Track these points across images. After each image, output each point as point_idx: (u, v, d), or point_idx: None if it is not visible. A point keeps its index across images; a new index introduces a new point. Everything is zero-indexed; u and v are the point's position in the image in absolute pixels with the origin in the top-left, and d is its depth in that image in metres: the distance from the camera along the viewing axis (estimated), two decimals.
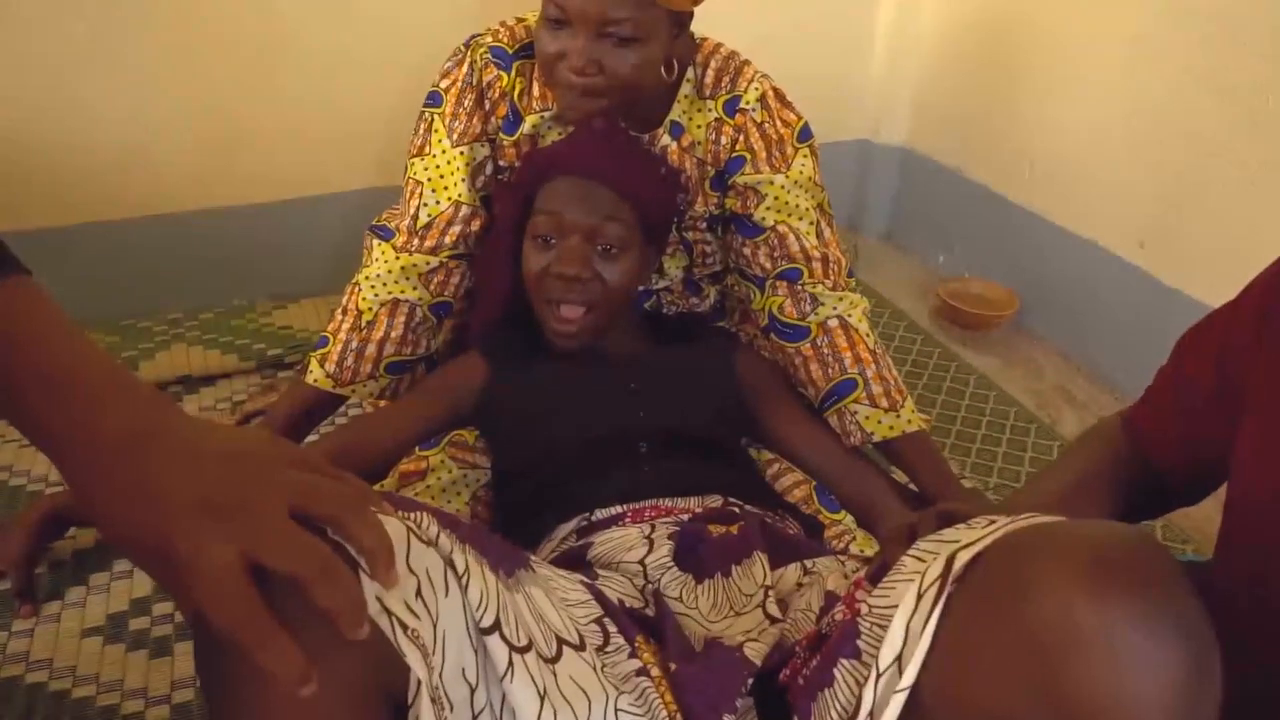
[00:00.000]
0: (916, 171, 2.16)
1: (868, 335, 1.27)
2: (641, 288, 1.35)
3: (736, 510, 1.00)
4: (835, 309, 1.26)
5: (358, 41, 1.68)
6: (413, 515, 0.59)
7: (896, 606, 0.56)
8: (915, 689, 0.54)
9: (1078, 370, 1.75)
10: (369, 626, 0.50)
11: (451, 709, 0.57)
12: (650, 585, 0.86)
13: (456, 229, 1.28)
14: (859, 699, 0.57)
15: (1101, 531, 0.49)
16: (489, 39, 1.28)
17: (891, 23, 2.08)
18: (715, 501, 1.01)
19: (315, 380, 1.25)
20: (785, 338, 1.28)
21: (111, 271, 1.65)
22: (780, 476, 1.23)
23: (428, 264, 1.27)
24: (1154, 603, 0.45)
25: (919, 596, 0.55)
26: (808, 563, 0.91)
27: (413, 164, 1.30)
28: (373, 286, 1.27)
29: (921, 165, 2.14)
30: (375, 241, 1.31)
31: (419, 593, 0.55)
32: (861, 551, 1.13)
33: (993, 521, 0.57)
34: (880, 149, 2.20)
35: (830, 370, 1.25)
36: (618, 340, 1.23)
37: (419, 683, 0.54)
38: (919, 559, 0.58)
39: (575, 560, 0.92)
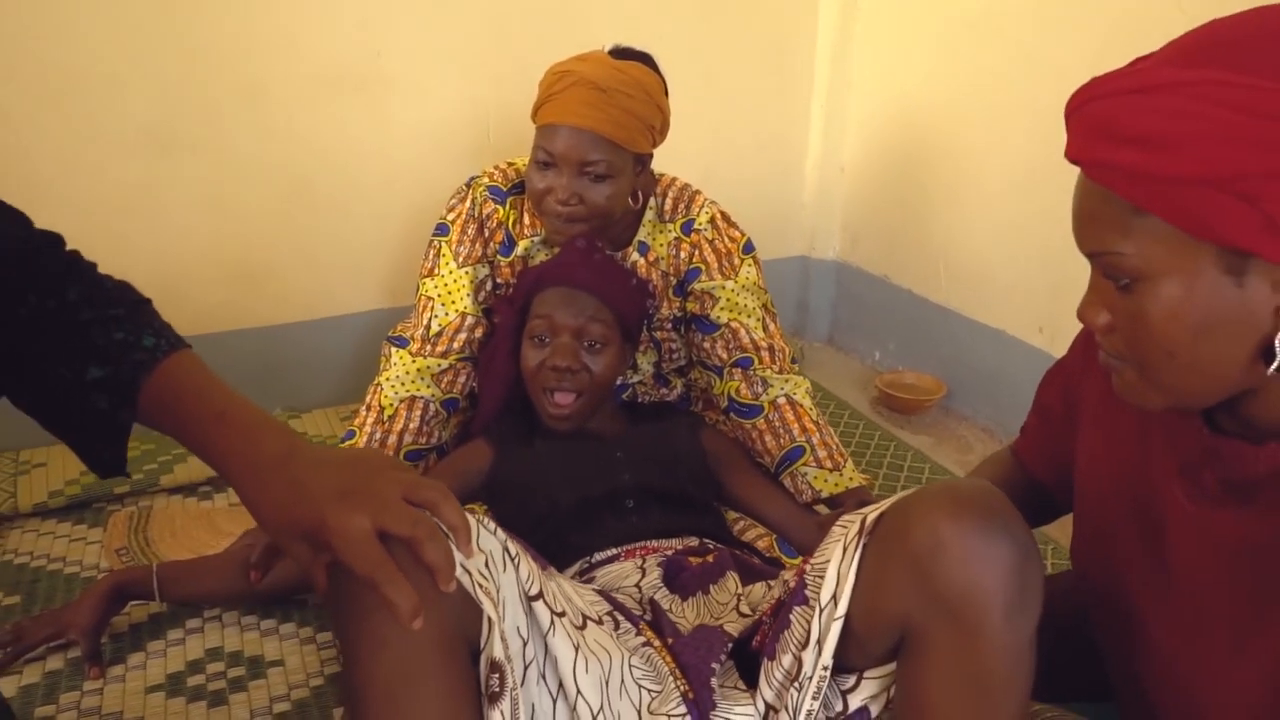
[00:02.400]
0: (850, 281, 2.46)
1: (811, 410, 1.51)
2: (619, 380, 1.59)
3: (711, 546, 1.21)
4: (783, 389, 1.51)
5: (364, 186, 1.94)
6: (476, 514, 0.80)
7: (829, 560, 0.78)
8: (847, 617, 0.76)
9: (1000, 442, 2.01)
10: (456, 583, 0.71)
11: (509, 656, 0.77)
12: (646, 598, 1.06)
13: (463, 336, 1.52)
14: (809, 632, 0.78)
15: (957, 482, 0.72)
16: (486, 180, 1.55)
17: (818, 156, 2.41)
18: (693, 541, 1.22)
19: None
20: (742, 415, 1.51)
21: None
22: (745, 532, 1.44)
23: (439, 366, 1.50)
24: (992, 520, 0.68)
25: (844, 549, 0.77)
26: (771, 582, 1.12)
27: (424, 283, 1.55)
28: (393, 386, 1.49)
29: (854, 275, 2.44)
30: (393, 349, 1.54)
31: (486, 565, 0.76)
32: None
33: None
34: (817, 263, 2.50)
35: (782, 440, 1.48)
36: (601, 422, 1.46)
37: (489, 627, 0.74)
38: (844, 527, 0.80)
39: None
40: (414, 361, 1.50)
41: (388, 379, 1.50)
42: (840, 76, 2.32)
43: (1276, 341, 0.62)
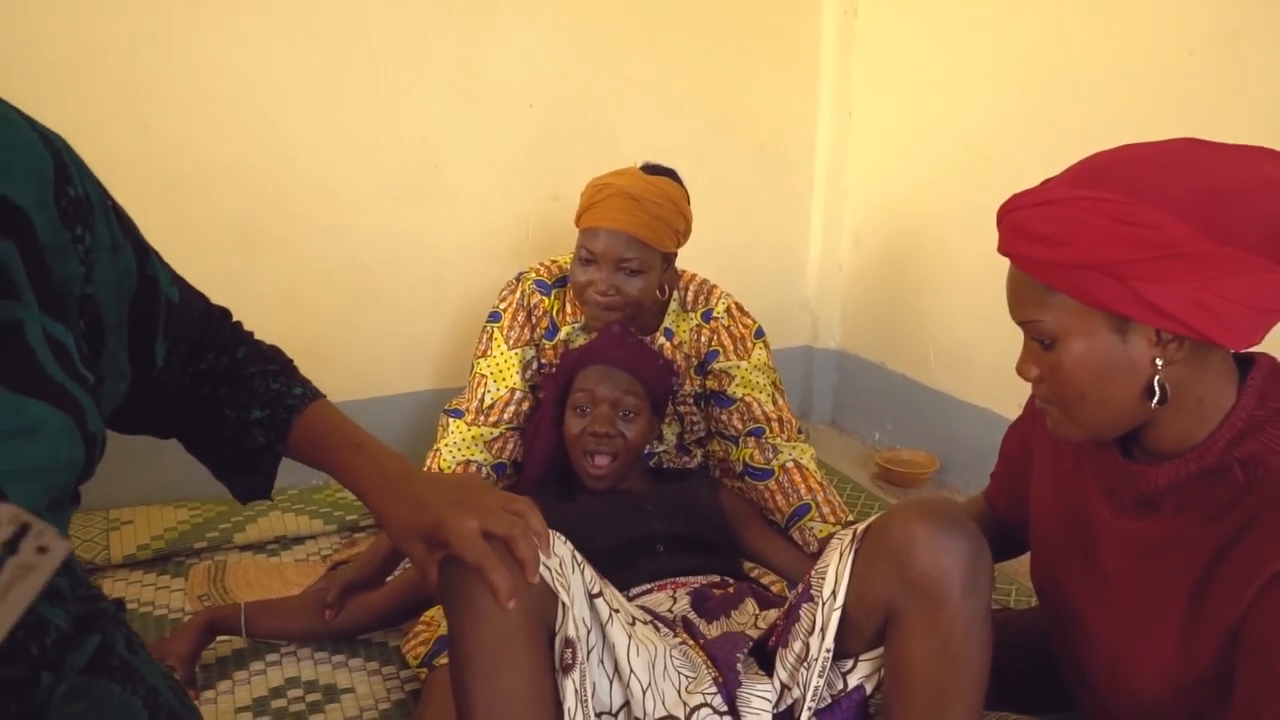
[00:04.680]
0: (850, 368, 2.69)
1: (815, 472, 1.72)
2: (647, 449, 1.81)
3: (730, 581, 1.41)
4: (791, 455, 1.72)
5: (417, 282, 2.19)
6: (551, 531, 1.01)
7: (829, 564, 0.98)
8: (844, 607, 0.96)
9: None
10: (540, 576, 0.91)
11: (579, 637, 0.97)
12: (678, 619, 1.26)
13: (512, 409, 1.74)
14: (815, 621, 0.98)
15: (925, 496, 0.93)
16: (533, 274, 1.81)
17: (818, 256, 2.68)
18: (715, 578, 1.42)
19: None
20: (756, 478, 1.73)
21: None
22: (760, 579, 1.63)
23: (491, 434, 1.72)
24: (952, 522, 0.89)
25: (841, 554, 0.97)
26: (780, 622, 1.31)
27: (478, 363, 1.78)
28: (450, 451, 1.70)
29: (853, 363, 2.67)
30: (450, 420, 1.76)
31: (560, 565, 0.97)
32: None
33: None
34: (819, 352, 2.74)
35: (790, 499, 1.69)
36: (633, 483, 1.66)
37: (564, 612, 0.94)
38: (839, 539, 1.01)
39: None
40: (469, 430, 1.72)
41: (446, 445, 1.71)
42: (837, 186, 2.61)
43: (1155, 382, 0.85)
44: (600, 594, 1.01)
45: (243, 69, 1.94)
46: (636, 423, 1.61)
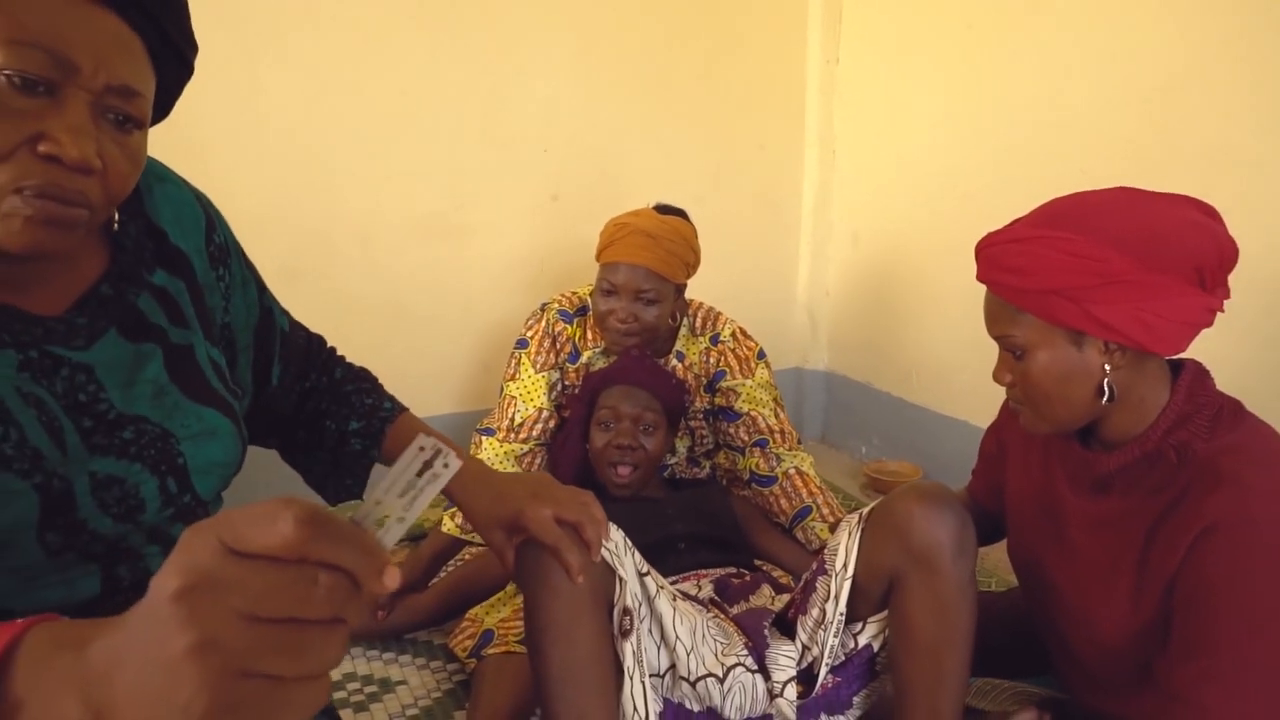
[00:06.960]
0: (837, 388, 2.89)
1: (815, 478, 1.91)
2: (661, 462, 1.99)
3: (746, 573, 1.59)
4: (792, 463, 1.91)
5: (446, 309, 2.38)
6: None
7: (840, 542, 1.17)
8: (854, 577, 1.15)
9: None
10: (601, 556, 1.09)
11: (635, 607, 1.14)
12: (705, 601, 1.44)
13: (539, 427, 1.92)
14: (829, 590, 1.16)
15: (919, 482, 1.12)
16: (556, 304, 1.99)
17: (806, 284, 2.89)
18: (732, 570, 1.60)
19: (448, 529, 1.83)
20: (761, 484, 1.91)
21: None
22: (769, 574, 1.82)
23: (521, 450, 1.90)
24: (943, 501, 1.08)
25: (850, 532, 1.16)
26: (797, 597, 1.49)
27: (507, 385, 1.96)
28: None
29: (841, 383, 2.88)
30: (483, 438, 1.93)
31: (616, 548, 1.15)
32: None
33: None
34: (809, 373, 2.94)
35: (793, 502, 1.87)
36: (652, 490, 1.84)
37: (621, 586, 1.12)
38: (848, 522, 1.20)
39: None
40: (501, 446, 1.90)
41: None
42: (823, 220, 2.83)
43: (1105, 384, 1.05)
44: (648, 573, 1.19)
45: (292, 120, 2.13)
46: (655, 436, 1.80)
